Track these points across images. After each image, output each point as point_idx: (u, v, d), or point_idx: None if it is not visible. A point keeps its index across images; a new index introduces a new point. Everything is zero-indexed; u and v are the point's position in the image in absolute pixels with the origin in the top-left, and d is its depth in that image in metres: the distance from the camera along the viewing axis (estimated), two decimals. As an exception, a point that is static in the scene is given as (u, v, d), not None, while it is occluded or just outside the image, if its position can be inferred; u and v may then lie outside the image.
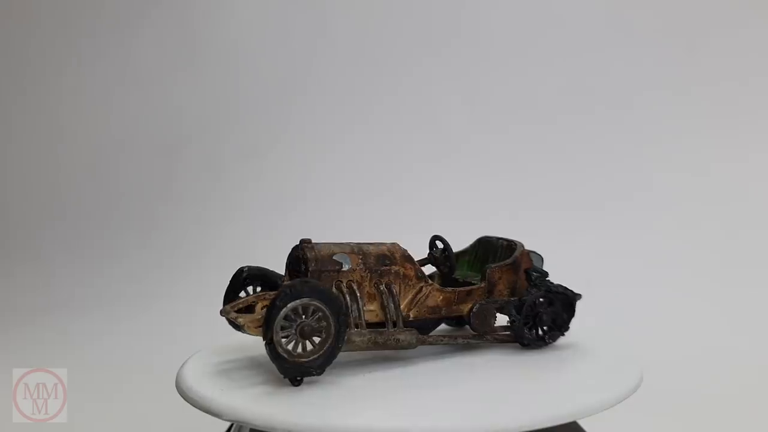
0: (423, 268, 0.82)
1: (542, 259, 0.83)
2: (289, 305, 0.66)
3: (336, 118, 2.13)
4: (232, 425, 0.86)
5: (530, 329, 0.80)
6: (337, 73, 2.15)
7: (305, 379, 0.69)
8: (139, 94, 2.33)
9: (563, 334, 0.82)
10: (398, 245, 0.79)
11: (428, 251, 0.86)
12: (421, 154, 2.03)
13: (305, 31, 2.19)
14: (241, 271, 0.76)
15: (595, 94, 1.95)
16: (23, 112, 2.46)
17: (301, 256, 0.74)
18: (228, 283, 0.77)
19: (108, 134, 2.36)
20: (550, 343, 0.81)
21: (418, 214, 1.90)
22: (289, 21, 2.20)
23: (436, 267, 0.85)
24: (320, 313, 0.67)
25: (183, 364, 0.79)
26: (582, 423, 0.88)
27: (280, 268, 0.79)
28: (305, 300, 0.66)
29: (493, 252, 0.86)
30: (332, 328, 0.68)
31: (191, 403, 0.70)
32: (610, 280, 1.60)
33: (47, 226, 2.31)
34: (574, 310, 0.81)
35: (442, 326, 0.86)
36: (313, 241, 0.77)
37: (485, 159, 1.98)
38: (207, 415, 0.68)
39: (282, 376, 0.68)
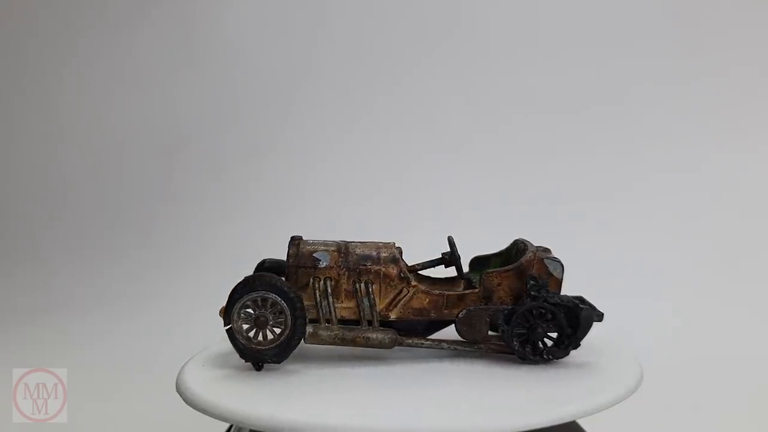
0: (436, 269, 0.82)
1: (562, 267, 0.77)
2: (246, 296, 0.73)
3: (336, 117, 2.13)
4: (231, 425, 0.87)
5: (524, 343, 0.75)
6: (336, 73, 2.15)
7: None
8: (138, 93, 2.33)
9: (568, 353, 0.75)
10: (392, 245, 0.79)
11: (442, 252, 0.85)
12: (422, 153, 2.03)
13: (305, 30, 2.18)
14: (262, 262, 0.82)
15: (596, 91, 1.95)
16: (23, 112, 2.46)
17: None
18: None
19: (108, 134, 2.36)
20: (551, 360, 0.75)
21: (421, 213, 1.90)
22: (289, 21, 2.20)
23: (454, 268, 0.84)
24: (278, 306, 0.73)
25: (183, 365, 0.80)
26: (582, 423, 0.88)
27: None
28: (261, 293, 0.73)
29: (515, 256, 0.83)
30: (288, 320, 0.73)
31: (191, 405, 0.70)
32: (610, 279, 1.59)
33: (47, 226, 2.31)
34: (584, 326, 0.74)
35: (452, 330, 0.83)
36: (304, 239, 0.80)
37: (486, 158, 1.98)
38: (206, 415, 0.69)
39: (243, 360, 0.76)
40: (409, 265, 0.81)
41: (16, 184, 2.43)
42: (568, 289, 0.79)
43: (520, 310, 0.74)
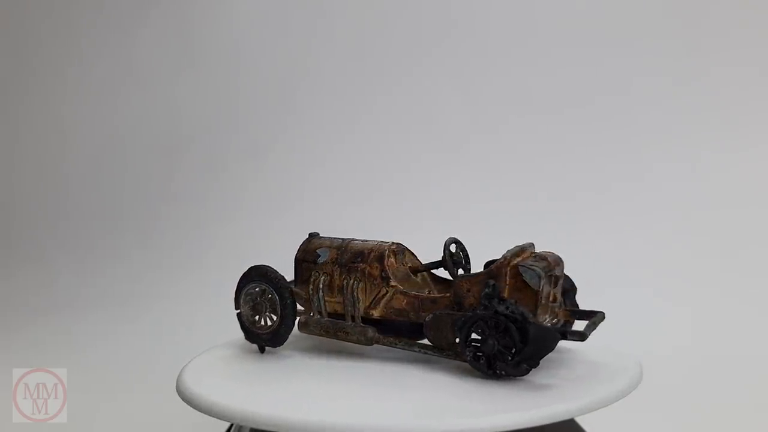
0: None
1: (539, 276, 0.70)
2: (248, 285, 0.82)
3: (336, 117, 2.13)
4: (231, 425, 0.87)
5: (476, 354, 0.71)
6: (336, 73, 2.15)
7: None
8: (140, 94, 2.33)
9: (524, 370, 0.68)
10: (387, 245, 0.80)
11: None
12: (422, 153, 2.03)
13: (304, 31, 2.19)
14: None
15: (595, 90, 1.94)
16: (25, 112, 2.46)
17: None
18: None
19: (109, 135, 2.36)
20: (503, 375, 0.69)
21: (423, 213, 1.90)
22: (289, 21, 2.20)
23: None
24: (272, 296, 0.81)
25: (184, 365, 0.80)
26: (582, 424, 0.88)
27: (283, 268, 0.85)
28: (256, 283, 0.81)
29: None
30: (278, 309, 0.80)
31: (191, 404, 0.71)
32: (610, 278, 1.59)
33: (49, 226, 2.31)
34: (538, 343, 0.67)
35: None
36: (321, 235, 0.86)
37: (487, 158, 1.98)
38: (207, 415, 0.69)
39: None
40: (420, 265, 0.82)
41: (19, 184, 2.43)
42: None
43: (469, 320, 0.71)
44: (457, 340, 0.73)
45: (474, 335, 0.71)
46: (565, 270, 0.77)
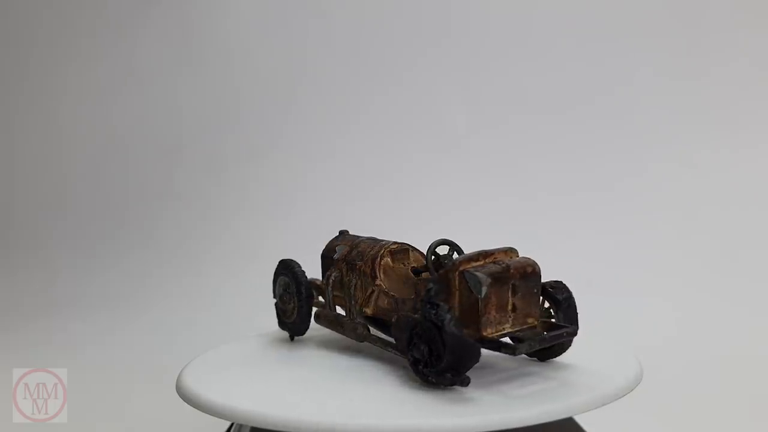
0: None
1: (480, 283, 0.66)
2: (280, 277, 0.87)
3: (336, 117, 2.13)
4: (232, 425, 0.87)
5: (416, 358, 0.68)
6: (336, 73, 2.15)
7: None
8: (140, 94, 2.33)
9: (447, 380, 0.65)
10: (389, 245, 0.80)
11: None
12: (422, 153, 2.03)
13: (304, 31, 2.19)
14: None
15: (593, 89, 1.94)
16: (25, 112, 2.46)
17: None
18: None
19: (110, 134, 2.36)
20: (434, 382, 0.66)
21: (423, 213, 1.90)
22: (289, 20, 2.20)
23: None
24: (291, 288, 0.85)
25: (184, 366, 0.80)
26: (581, 422, 0.88)
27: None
28: (284, 275, 0.86)
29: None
30: (296, 301, 0.84)
31: (191, 404, 0.71)
32: (609, 278, 1.59)
33: (49, 226, 2.31)
34: (455, 353, 0.63)
35: None
36: (350, 233, 0.89)
37: (486, 158, 1.98)
38: (207, 415, 0.69)
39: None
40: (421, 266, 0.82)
41: (18, 184, 2.43)
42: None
43: (409, 324, 0.68)
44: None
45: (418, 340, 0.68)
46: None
